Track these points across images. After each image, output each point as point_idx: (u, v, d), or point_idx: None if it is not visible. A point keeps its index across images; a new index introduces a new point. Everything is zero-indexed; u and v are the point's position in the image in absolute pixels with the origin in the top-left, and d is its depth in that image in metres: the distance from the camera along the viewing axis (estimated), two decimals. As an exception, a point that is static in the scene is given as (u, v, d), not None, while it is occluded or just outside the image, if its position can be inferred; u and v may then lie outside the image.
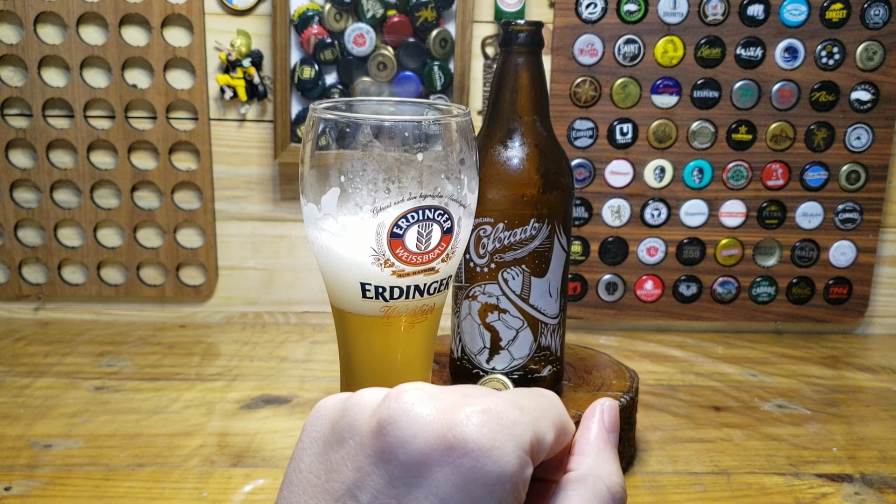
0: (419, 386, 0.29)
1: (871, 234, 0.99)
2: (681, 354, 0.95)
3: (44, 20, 0.92)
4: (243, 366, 0.88)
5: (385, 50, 0.92)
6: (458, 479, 0.27)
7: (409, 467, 0.27)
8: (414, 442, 0.27)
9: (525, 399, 0.30)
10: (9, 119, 0.94)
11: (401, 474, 0.27)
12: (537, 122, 0.63)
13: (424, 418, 0.28)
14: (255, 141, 0.96)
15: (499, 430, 0.27)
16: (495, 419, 0.28)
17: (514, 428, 0.28)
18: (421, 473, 0.27)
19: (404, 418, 0.28)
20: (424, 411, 0.28)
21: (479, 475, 0.27)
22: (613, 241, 0.98)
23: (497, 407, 0.28)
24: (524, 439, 0.28)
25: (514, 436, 0.28)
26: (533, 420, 0.29)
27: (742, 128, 0.95)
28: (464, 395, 0.29)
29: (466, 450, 0.27)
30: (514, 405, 0.29)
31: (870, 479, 0.67)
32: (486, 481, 0.27)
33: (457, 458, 0.27)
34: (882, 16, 0.93)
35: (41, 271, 0.99)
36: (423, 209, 0.45)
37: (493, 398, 0.29)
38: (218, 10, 0.93)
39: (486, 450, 0.27)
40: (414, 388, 0.29)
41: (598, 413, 0.33)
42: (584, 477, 0.31)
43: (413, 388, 0.29)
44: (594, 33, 0.92)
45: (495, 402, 0.28)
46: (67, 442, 0.70)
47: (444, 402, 0.28)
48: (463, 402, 0.28)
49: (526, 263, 0.62)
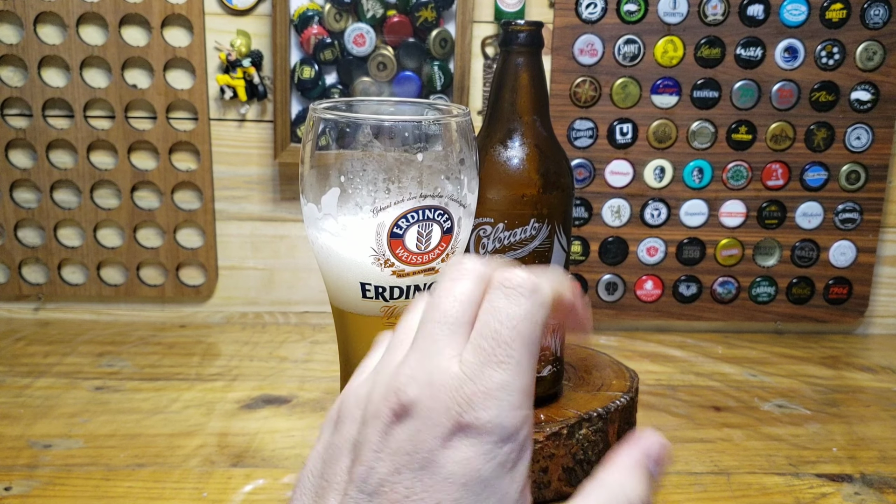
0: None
1: (871, 234, 0.99)
2: (681, 354, 0.95)
3: (44, 20, 0.92)
4: (243, 366, 0.88)
5: (385, 50, 0.92)
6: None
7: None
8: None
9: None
10: (9, 119, 0.94)
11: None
12: (537, 122, 0.63)
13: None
14: (255, 141, 0.96)
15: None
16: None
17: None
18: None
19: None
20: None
21: (492, 457, 0.28)
22: (613, 241, 0.98)
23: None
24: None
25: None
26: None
27: (742, 128, 0.95)
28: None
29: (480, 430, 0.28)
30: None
31: (870, 479, 0.67)
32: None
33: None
34: (882, 16, 0.93)
35: (41, 271, 0.99)
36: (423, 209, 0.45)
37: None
38: (218, 10, 0.93)
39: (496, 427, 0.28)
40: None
41: (644, 438, 0.33)
42: (606, 484, 0.31)
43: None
44: (594, 33, 0.92)
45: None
46: (67, 442, 0.70)
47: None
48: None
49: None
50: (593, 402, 0.65)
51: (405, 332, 0.33)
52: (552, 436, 0.60)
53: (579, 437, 0.62)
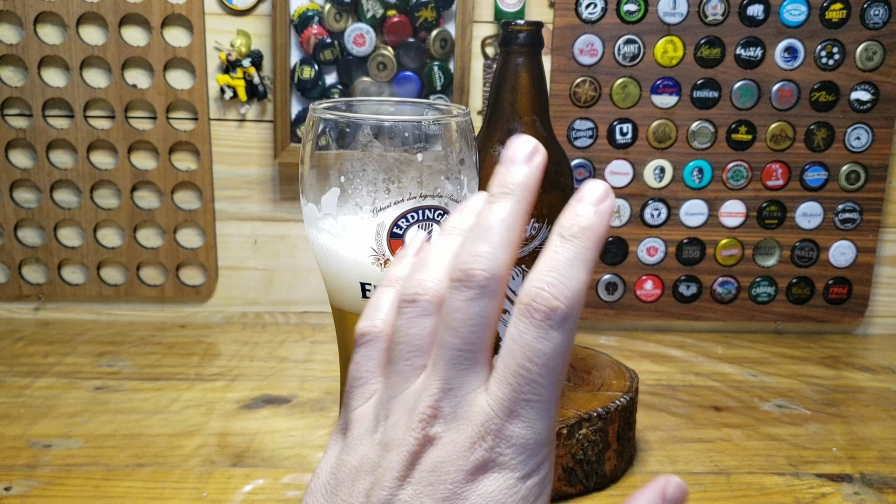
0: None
1: (871, 234, 0.99)
2: (681, 354, 0.95)
3: (44, 20, 0.92)
4: (243, 366, 0.88)
5: (385, 50, 0.92)
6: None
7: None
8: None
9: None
10: (9, 119, 0.94)
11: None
12: (537, 122, 0.63)
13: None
14: (255, 141, 0.96)
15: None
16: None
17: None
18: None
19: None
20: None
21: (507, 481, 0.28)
22: (613, 241, 0.98)
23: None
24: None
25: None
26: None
27: (742, 128, 0.95)
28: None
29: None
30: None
31: (870, 479, 0.67)
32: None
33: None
34: (882, 16, 0.93)
35: (41, 271, 0.99)
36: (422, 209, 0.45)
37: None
38: (218, 10, 0.93)
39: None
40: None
41: (661, 481, 0.33)
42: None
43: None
44: (594, 33, 0.92)
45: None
46: (67, 442, 0.70)
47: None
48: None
49: (526, 263, 0.62)
50: (593, 402, 0.65)
51: (408, 339, 0.32)
52: (552, 436, 0.60)
53: (579, 437, 0.62)
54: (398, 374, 0.31)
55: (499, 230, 0.30)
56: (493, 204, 0.31)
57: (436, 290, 0.31)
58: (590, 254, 0.29)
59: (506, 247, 0.30)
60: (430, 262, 0.32)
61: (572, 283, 0.29)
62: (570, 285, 0.29)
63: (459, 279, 0.30)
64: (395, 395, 0.31)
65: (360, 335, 0.33)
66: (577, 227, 0.30)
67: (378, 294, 0.34)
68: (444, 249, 0.33)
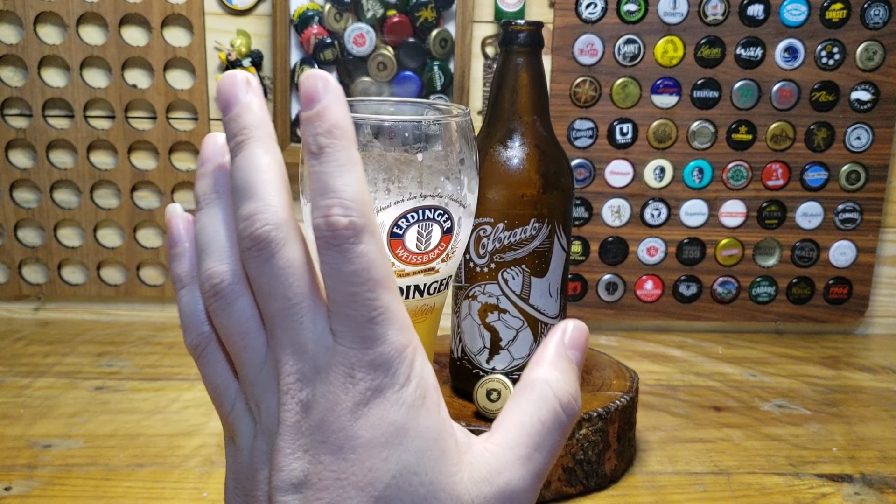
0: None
1: (871, 234, 0.99)
2: (681, 354, 0.95)
3: (44, 20, 0.92)
4: (243, 366, 0.88)
5: (385, 50, 0.92)
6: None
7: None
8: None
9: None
10: (9, 119, 0.94)
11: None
12: (537, 122, 0.63)
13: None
14: (255, 141, 0.96)
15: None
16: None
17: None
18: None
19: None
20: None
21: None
22: (613, 241, 0.98)
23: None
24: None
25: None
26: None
27: (742, 128, 0.95)
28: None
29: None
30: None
31: (870, 479, 0.67)
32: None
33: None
34: (882, 16, 0.93)
35: (41, 271, 0.99)
36: (422, 209, 0.45)
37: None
38: (218, 10, 0.93)
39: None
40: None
41: (559, 330, 0.33)
42: (532, 382, 0.32)
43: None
44: (594, 33, 0.92)
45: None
46: (67, 442, 0.70)
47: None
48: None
49: (526, 263, 0.62)
50: (593, 402, 0.65)
51: (238, 330, 0.31)
52: (552, 436, 0.60)
53: (579, 437, 0.62)
54: (245, 364, 0.31)
55: (258, 179, 0.29)
56: (238, 156, 0.30)
57: (230, 269, 0.30)
58: (348, 152, 0.28)
59: (274, 190, 0.29)
60: (208, 244, 0.31)
61: (349, 191, 0.28)
62: (348, 195, 0.28)
63: (248, 247, 0.29)
64: (255, 383, 0.30)
65: (192, 349, 0.33)
66: (320, 136, 0.28)
67: (181, 301, 0.33)
68: (212, 223, 0.31)
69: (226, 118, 0.30)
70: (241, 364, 0.31)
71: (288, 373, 0.29)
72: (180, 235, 0.33)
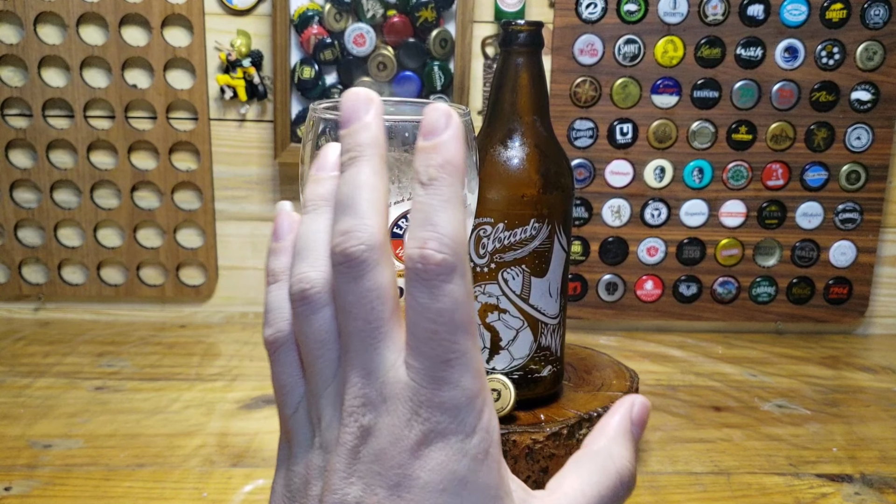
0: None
1: (871, 234, 0.99)
2: (681, 354, 0.95)
3: (44, 20, 0.92)
4: (243, 366, 0.88)
5: (385, 50, 0.92)
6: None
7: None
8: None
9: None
10: (9, 119, 0.94)
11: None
12: (537, 122, 0.63)
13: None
14: (255, 141, 0.96)
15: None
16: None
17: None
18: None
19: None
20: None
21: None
22: (613, 241, 0.98)
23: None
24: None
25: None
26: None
27: (742, 128, 0.95)
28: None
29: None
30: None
31: (870, 479, 0.67)
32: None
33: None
34: (882, 16, 0.93)
35: (41, 271, 0.99)
36: (423, 209, 0.45)
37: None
38: (218, 10, 0.93)
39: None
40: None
41: (627, 404, 0.34)
42: (595, 453, 0.32)
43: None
44: (594, 33, 0.92)
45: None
46: (67, 442, 0.70)
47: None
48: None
49: (526, 263, 0.62)
50: (593, 402, 0.65)
51: (315, 334, 0.30)
52: (552, 436, 0.60)
53: (579, 438, 0.62)
54: (316, 374, 0.31)
55: (361, 197, 0.29)
56: (347, 171, 0.30)
57: (321, 277, 0.30)
58: (455, 189, 0.28)
59: (373, 211, 0.29)
60: (306, 248, 0.31)
61: (448, 228, 0.28)
62: (446, 232, 0.28)
63: (339, 262, 0.29)
64: (320, 394, 0.30)
65: (269, 344, 0.32)
66: (432, 168, 0.29)
67: (270, 295, 0.33)
68: (315, 229, 0.31)
69: (343, 132, 0.31)
70: (311, 373, 0.31)
71: (354, 395, 0.29)
72: (283, 232, 0.33)
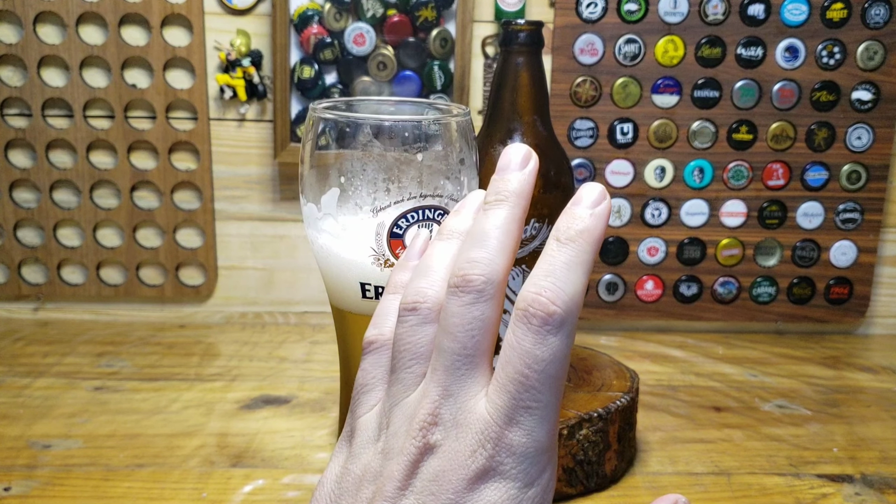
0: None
1: (872, 234, 0.99)
2: (681, 354, 0.95)
3: (43, 20, 0.92)
4: (243, 366, 0.88)
5: (385, 49, 0.91)
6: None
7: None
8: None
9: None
10: (8, 119, 0.94)
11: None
12: (537, 122, 0.63)
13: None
14: (254, 141, 0.96)
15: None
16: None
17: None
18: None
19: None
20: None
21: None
22: (613, 241, 0.98)
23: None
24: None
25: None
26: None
27: (743, 127, 0.95)
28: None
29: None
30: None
31: (870, 479, 0.67)
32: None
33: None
34: (883, 15, 0.93)
35: (41, 271, 0.99)
36: (422, 209, 0.45)
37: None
38: (218, 9, 0.93)
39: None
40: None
41: (671, 500, 0.33)
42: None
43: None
44: (594, 33, 0.92)
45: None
46: (67, 442, 0.70)
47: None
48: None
49: (526, 263, 0.62)
50: (593, 403, 0.65)
51: (411, 344, 0.32)
52: (552, 436, 0.60)
53: (580, 438, 0.62)
54: (399, 382, 0.31)
55: (495, 236, 0.31)
56: (489, 211, 0.32)
57: (435, 297, 0.31)
58: (587, 256, 0.29)
59: (502, 252, 0.31)
60: (429, 268, 0.33)
61: (569, 287, 0.29)
62: (567, 289, 0.28)
63: (457, 285, 0.30)
64: (397, 402, 0.31)
65: (368, 343, 0.34)
66: (574, 231, 0.30)
67: (384, 301, 0.35)
68: (442, 255, 0.33)
69: (497, 176, 0.33)
70: (395, 380, 0.31)
71: (429, 411, 0.29)
72: (415, 253, 0.36)
